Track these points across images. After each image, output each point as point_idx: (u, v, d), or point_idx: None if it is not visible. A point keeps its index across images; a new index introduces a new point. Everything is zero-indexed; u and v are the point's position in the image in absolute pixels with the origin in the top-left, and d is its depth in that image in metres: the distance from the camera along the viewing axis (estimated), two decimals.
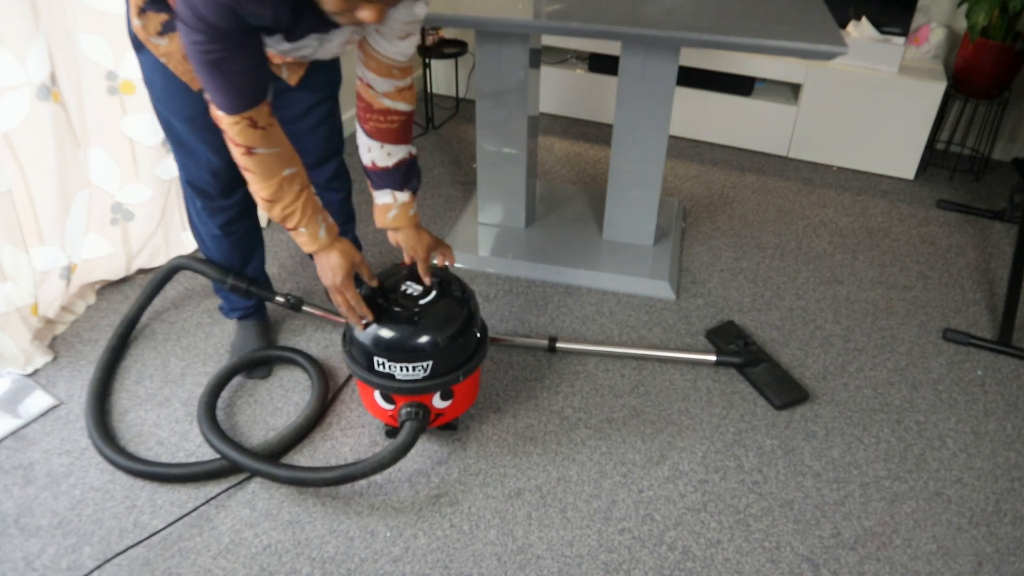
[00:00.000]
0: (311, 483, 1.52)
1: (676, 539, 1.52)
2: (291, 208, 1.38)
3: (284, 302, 1.82)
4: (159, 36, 1.39)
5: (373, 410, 1.63)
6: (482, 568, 1.45)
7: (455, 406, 1.62)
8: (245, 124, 1.28)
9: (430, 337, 1.49)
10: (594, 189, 2.70)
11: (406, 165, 1.55)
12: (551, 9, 1.94)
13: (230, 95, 1.24)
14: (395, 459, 1.48)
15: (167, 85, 1.46)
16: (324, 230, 1.44)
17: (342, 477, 1.48)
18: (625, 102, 2.10)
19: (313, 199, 1.42)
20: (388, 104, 1.48)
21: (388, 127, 1.50)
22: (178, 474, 1.58)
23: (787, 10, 1.94)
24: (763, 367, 1.92)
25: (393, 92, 1.47)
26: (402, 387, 1.51)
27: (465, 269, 2.31)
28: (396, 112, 1.49)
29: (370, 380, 1.53)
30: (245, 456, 1.54)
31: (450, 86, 3.49)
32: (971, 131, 3.01)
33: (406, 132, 1.54)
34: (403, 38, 1.39)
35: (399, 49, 1.40)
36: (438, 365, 1.51)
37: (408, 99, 1.50)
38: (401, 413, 1.55)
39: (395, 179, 1.55)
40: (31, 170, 1.84)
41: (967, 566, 1.48)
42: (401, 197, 1.57)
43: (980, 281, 2.33)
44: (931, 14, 2.95)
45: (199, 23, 1.14)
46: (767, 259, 2.40)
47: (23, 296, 1.84)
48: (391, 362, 1.49)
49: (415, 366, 1.49)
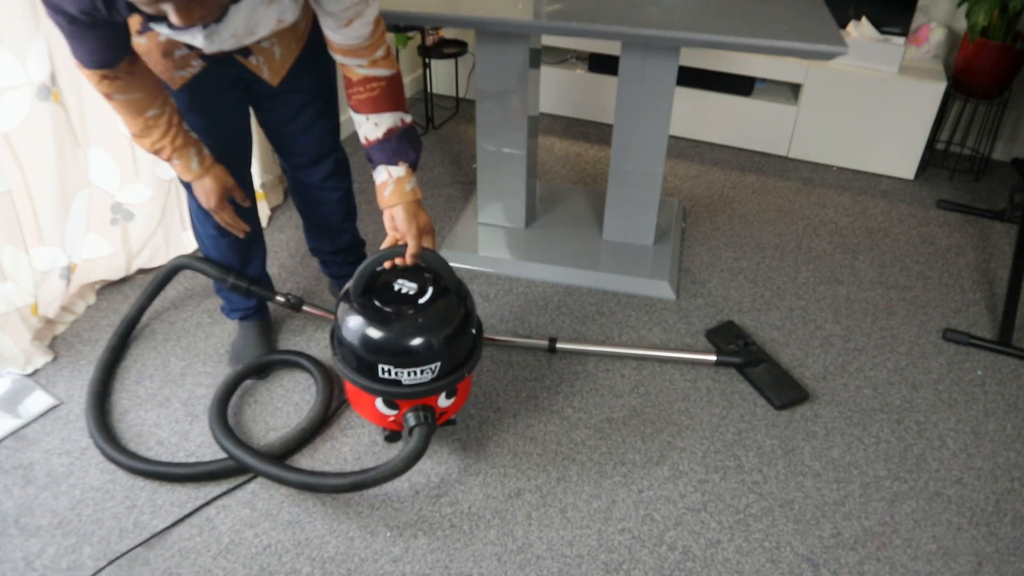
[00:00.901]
0: (321, 489, 1.49)
1: (676, 539, 1.52)
2: (160, 144, 1.46)
3: (284, 302, 1.82)
4: (139, 35, 1.40)
5: (370, 415, 1.58)
6: (482, 568, 1.45)
7: (457, 402, 1.61)
8: (99, 76, 1.34)
9: (436, 338, 1.45)
10: (594, 189, 2.70)
11: (397, 134, 1.46)
12: (551, 9, 1.94)
13: (86, 55, 1.31)
14: (408, 466, 1.45)
15: None
16: (197, 162, 1.52)
17: (353, 484, 1.46)
18: (625, 102, 2.10)
19: (184, 135, 1.48)
20: (365, 73, 1.42)
21: (370, 95, 1.43)
22: (181, 474, 1.58)
23: (787, 10, 1.94)
24: (763, 367, 1.92)
25: (367, 64, 1.42)
26: (409, 392, 1.47)
27: (465, 269, 2.31)
28: (375, 78, 1.43)
29: (372, 388, 1.47)
30: (256, 459, 1.53)
31: (450, 86, 3.49)
32: (971, 131, 3.01)
33: (392, 98, 1.45)
34: (348, 24, 1.33)
35: (349, 35, 1.35)
36: (445, 365, 1.48)
37: (385, 65, 1.43)
38: (408, 419, 1.50)
39: (387, 152, 1.47)
40: (31, 170, 1.84)
41: (967, 566, 1.48)
42: (396, 172, 1.47)
43: (980, 281, 2.33)
44: (931, 14, 2.95)
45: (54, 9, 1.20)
46: (767, 259, 2.40)
47: (23, 296, 1.84)
48: (398, 368, 1.44)
49: (423, 369, 1.45)
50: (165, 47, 1.42)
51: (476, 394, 1.84)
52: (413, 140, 1.50)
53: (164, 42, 1.41)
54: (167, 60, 1.44)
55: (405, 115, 1.49)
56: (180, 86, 1.49)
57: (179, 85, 1.48)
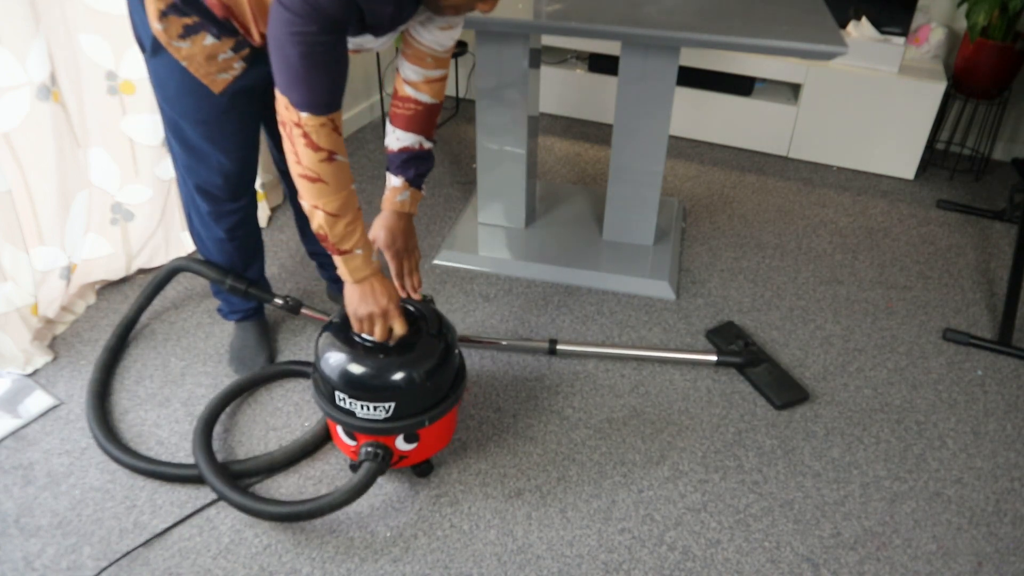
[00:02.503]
0: (259, 515, 1.45)
1: (676, 539, 1.52)
2: (353, 225, 1.31)
3: (283, 304, 1.82)
4: (181, 39, 1.38)
5: (337, 442, 1.56)
6: (482, 568, 1.45)
7: (421, 450, 1.52)
8: (331, 127, 1.22)
9: (394, 377, 1.39)
10: (594, 189, 2.70)
11: (409, 154, 1.54)
12: (551, 9, 1.94)
13: (324, 93, 1.18)
14: (347, 501, 1.41)
15: (182, 88, 1.45)
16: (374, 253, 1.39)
17: (289, 515, 1.42)
18: (625, 102, 2.10)
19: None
20: (410, 92, 1.50)
21: (404, 113, 1.51)
22: (184, 474, 1.59)
23: (787, 10, 1.94)
24: (763, 367, 1.92)
25: (420, 81, 1.48)
26: (363, 426, 1.43)
27: (465, 269, 2.31)
28: (414, 100, 1.50)
29: (331, 414, 1.45)
30: (210, 471, 1.51)
31: (450, 86, 3.50)
32: (971, 131, 3.01)
33: (420, 123, 1.52)
34: (444, 29, 1.40)
35: (437, 39, 1.42)
36: (402, 407, 1.42)
37: (432, 92, 1.50)
38: (360, 452, 1.46)
39: (395, 163, 1.55)
40: (31, 170, 1.84)
41: (967, 566, 1.48)
42: (394, 181, 1.55)
43: (980, 281, 2.33)
44: (931, 14, 2.95)
45: (315, 13, 1.10)
46: (767, 259, 2.40)
47: (23, 296, 1.84)
48: (352, 399, 1.41)
49: (376, 406, 1.41)
50: (209, 51, 1.40)
51: (476, 394, 1.84)
52: (420, 163, 1.56)
53: (209, 46, 1.39)
54: (210, 64, 1.41)
55: (426, 141, 1.55)
56: (222, 89, 1.46)
57: (221, 88, 1.45)
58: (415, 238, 1.62)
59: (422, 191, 1.59)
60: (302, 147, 1.23)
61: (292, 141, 1.24)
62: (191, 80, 1.43)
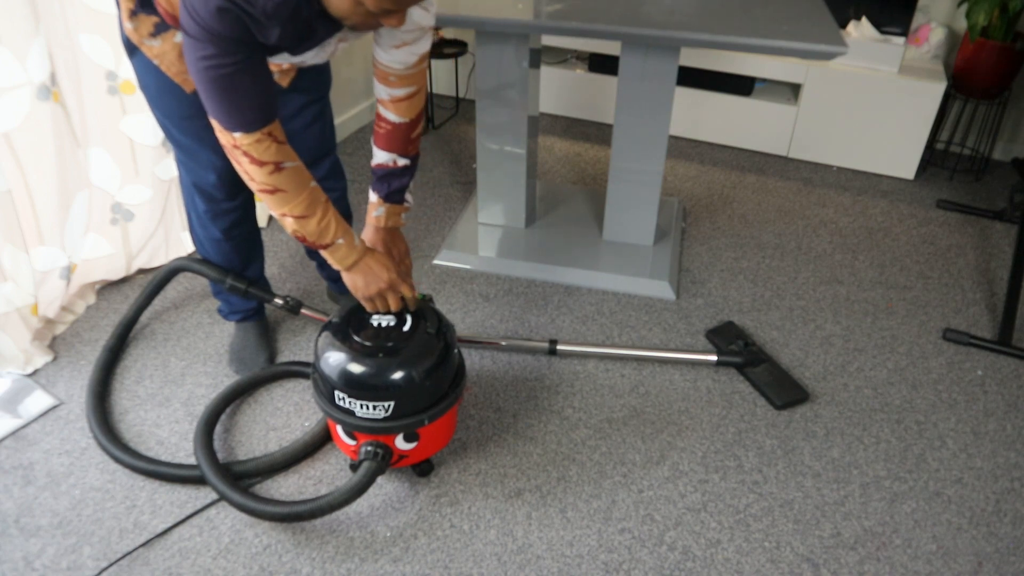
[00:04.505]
0: (259, 515, 1.45)
1: (676, 539, 1.52)
2: (325, 220, 1.33)
3: (283, 304, 1.82)
4: (152, 38, 1.38)
5: (337, 442, 1.57)
6: (482, 568, 1.45)
7: (421, 449, 1.53)
8: (269, 140, 1.22)
9: (393, 376, 1.40)
10: (594, 189, 2.70)
11: (384, 171, 1.53)
12: (551, 9, 1.94)
13: (248, 111, 1.18)
14: (347, 501, 1.42)
15: (160, 87, 1.45)
16: (356, 238, 1.40)
17: (289, 515, 1.43)
18: (625, 102, 2.10)
19: (335, 209, 1.37)
20: (380, 110, 1.49)
21: (378, 131, 1.52)
22: (185, 475, 1.59)
23: (787, 10, 1.94)
24: (763, 367, 1.92)
25: (387, 100, 1.46)
26: (362, 425, 1.44)
27: (465, 269, 2.31)
28: (384, 120, 1.49)
29: (330, 414, 1.46)
30: (210, 469, 1.51)
31: (450, 86, 3.49)
32: (971, 131, 3.01)
33: (393, 141, 1.50)
34: (398, 47, 1.37)
35: (394, 58, 1.40)
36: (401, 406, 1.43)
37: (399, 111, 1.47)
38: (360, 451, 1.47)
39: (373, 178, 1.56)
40: (31, 170, 1.84)
41: (967, 566, 1.48)
42: (372, 196, 1.56)
43: (980, 281, 2.33)
44: (931, 14, 2.95)
45: (206, 35, 1.10)
46: (767, 259, 2.40)
47: (23, 296, 1.84)
48: (351, 398, 1.42)
49: (376, 405, 1.41)
50: (180, 49, 1.38)
51: (476, 394, 1.84)
52: (395, 179, 1.54)
53: (180, 44, 1.37)
54: (181, 62, 1.40)
55: (400, 158, 1.52)
56: (194, 88, 1.44)
57: (192, 88, 1.44)
58: (403, 246, 1.61)
59: (406, 204, 1.58)
60: (247, 165, 1.24)
61: (237, 161, 1.25)
62: (167, 79, 1.43)
